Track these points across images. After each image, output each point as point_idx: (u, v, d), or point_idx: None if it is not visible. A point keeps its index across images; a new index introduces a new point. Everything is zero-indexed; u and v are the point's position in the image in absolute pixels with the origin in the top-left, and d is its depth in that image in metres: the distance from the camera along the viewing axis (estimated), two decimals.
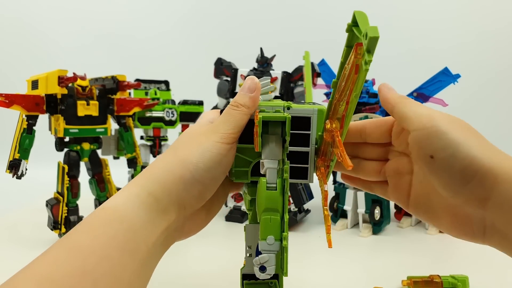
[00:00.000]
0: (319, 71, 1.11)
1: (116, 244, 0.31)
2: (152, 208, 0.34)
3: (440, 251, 0.90)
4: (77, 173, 0.90)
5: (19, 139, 0.83)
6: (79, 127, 0.87)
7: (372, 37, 0.26)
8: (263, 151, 0.39)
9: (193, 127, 0.42)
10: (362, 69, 0.28)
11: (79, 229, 0.32)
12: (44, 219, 0.93)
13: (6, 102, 0.80)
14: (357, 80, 0.30)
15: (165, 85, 1.18)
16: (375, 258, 0.87)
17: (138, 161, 1.02)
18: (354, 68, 0.30)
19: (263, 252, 0.37)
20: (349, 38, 0.32)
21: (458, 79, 1.13)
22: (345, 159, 0.31)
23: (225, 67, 1.15)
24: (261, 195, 0.38)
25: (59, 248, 0.30)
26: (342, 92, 0.33)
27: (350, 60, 0.31)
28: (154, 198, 0.35)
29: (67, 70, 0.85)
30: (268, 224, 0.37)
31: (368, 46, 0.26)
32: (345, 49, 0.33)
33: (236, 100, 0.40)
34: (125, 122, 0.97)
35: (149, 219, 0.34)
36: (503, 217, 0.32)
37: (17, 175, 0.82)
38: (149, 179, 0.36)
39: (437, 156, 0.33)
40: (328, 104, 0.38)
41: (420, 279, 0.66)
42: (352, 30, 0.31)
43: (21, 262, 0.32)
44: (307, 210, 1.11)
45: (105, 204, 0.34)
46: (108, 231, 0.31)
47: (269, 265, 0.37)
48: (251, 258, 0.45)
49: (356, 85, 0.31)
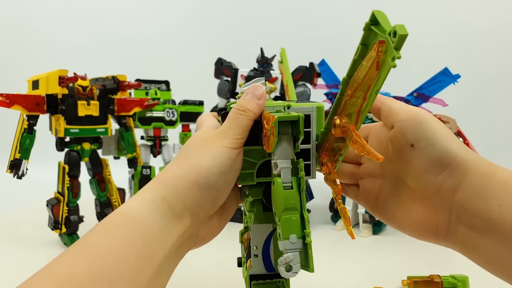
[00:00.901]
0: (319, 71, 1.11)
1: (133, 247, 0.31)
2: (167, 214, 0.34)
3: (440, 251, 0.90)
4: (77, 173, 0.91)
5: (20, 139, 0.83)
6: (80, 127, 0.87)
7: (402, 34, 0.28)
8: (276, 151, 0.39)
9: (199, 133, 0.41)
10: (389, 65, 0.30)
11: (95, 233, 0.32)
12: (44, 219, 0.94)
13: (7, 102, 0.80)
14: (378, 76, 0.32)
15: (166, 85, 1.18)
16: (375, 258, 0.87)
17: (139, 161, 1.02)
18: (375, 64, 0.31)
19: (286, 251, 0.37)
20: (365, 37, 0.33)
21: (458, 79, 1.13)
22: (374, 152, 0.32)
23: (226, 67, 1.15)
24: (278, 195, 0.38)
25: (76, 251, 0.30)
26: (357, 88, 0.35)
27: (370, 57, 0.32)
28: (168, 204, 0.35)
29: (67, 70, 0.85)
30: (289, 223, 0.37)
31: (397, 43, 0.28)
32: (360, 47, 0.34)
33: (243, 104, 0.40)
34: (126, 122, 0.98)
35: (164, 225, 0.34)
36: (469, 208, 0.34)
37: (18, 175, 0.82)
38: (162, 185, 0.36)
39: (417, 144, 0.36)
40: (336, 100, 0.39)
41: (420, 279, 0.66)
42: (370, 28, 0.32)
43: (21, 262, 0.32)
44: (308, 210, 1.12)
45: (120, 209, 0.34)
46: (125, 235, 0.31)
47: (294, 263, 0.38)
48: (257, 258, 0.45)
49: (376, 81, 0.32)
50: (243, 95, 0.41)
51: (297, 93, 1.10)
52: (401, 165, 0.39)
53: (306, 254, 0.37)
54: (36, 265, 0.86)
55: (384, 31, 0.30)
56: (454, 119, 1.01)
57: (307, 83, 1.11)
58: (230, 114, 0.40)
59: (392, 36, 0.29)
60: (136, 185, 1.07)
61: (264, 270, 0.45)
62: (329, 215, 1.09)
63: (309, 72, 1.09)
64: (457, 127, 1.00)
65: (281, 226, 0.37)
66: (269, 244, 0.45)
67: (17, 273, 0.76)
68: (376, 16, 0.31)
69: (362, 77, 0.33)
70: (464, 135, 1.00)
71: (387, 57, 0.30)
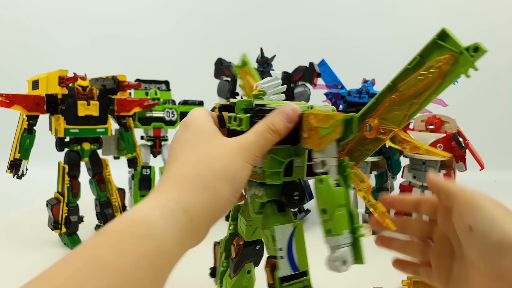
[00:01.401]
0: (319, 71, 1.11)
1: (144, 264, 0.29)
2: (186, 228, 0.32)
3: None
4: (77, 173, 0.91)
5: (20, 139, 0.83)
6: (80, 127, 0.87)
7: (484, 50, 0.33)
8: (325, 149, 0.39)
9: (202, 128, 0.39)
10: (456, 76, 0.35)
11: (106, 241, 0.29)
12: (44, 219, 0.94)
13: (7, 102, 0.81)
14: (441, 84, 0.36)
15: (166, 85, 1.18)
16: (375, 258, 0.86)
17: (138, 161, 1.02)
18: (439, 74, 0.35)
19: (341, 247, 0.39)
20: (426, 49, 0.36)
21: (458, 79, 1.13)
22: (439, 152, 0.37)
23: (226, 67, 1.15)
24: (330, 192, 0.39)
25: (82, 260, 0.27)
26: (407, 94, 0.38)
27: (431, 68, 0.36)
28: (189, 218, 0.33)
29: (67, 70, 0.85)
30: (342, 219, 0.39)
31: (477, 58, 0.33)
32: (417, 58, 0.37)
33: (275, 124, 0.38)
34: (126, 122, 0.98)
35: (179, 240, 0.32)
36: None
37: (18, 175, 0.82)
38: (185, 194, 0.34)
39: (476, 228, 0.36)
40: (370, 105, 0.40)
41: (420, 279, 0.66)
42: (436, 43, 0.35)
43: (21, 262, 0.32)
44: (307, 210, 1.11)
45: (135, 215, 0.31)
46: (138, 249, 0.29)
47: (349, 257, 0.40)
48: (283, 260, 0.45)
49: (437, 88, 0.36)
50: (277, 112, 0.39)
51: (297, 93, 1.10)
52: (466, 247, 0.39)
53: (356, 247, 0.40)
54: (36, 265, 0.86)
55: (457, 47, 0.34)
56: (454, 119, 1.01)
57: (307, 83, 1.11)
58: (260, 128, 0.38)
59: (472, 51, 0.33)
60: (136, 185, 1.07)
61: (291, 270, 0.46)
62: None
63: (309, 72, 1.09)
64: (457, 127, 1.00)
65: (334, 222, 0.39)
66: (292, 244, 0.46)
67: (17, 273, 0.76)
68: (448, 33, 0.34)
69: (417, 84, 0.36)
70: (464, 135, 0.99)
71: (457, 68, 0.34)
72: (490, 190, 1.60)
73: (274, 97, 0.45)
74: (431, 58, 0.35)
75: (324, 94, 1.14)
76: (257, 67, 1.14)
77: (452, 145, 0.98)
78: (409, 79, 0.37)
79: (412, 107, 0.38)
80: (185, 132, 0.39)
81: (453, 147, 0.98)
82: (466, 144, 0.98)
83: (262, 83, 0.44)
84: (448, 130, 1.01)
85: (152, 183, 1.08)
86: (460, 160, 1.00)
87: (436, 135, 0.99)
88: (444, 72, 0.35)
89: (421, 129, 1.03)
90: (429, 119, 1.02)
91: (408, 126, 1.06)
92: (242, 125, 0.42)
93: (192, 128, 0.39)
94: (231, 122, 0.43)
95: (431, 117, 1.03)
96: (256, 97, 0.44)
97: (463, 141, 0.97)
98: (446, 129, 1.02)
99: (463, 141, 0.98)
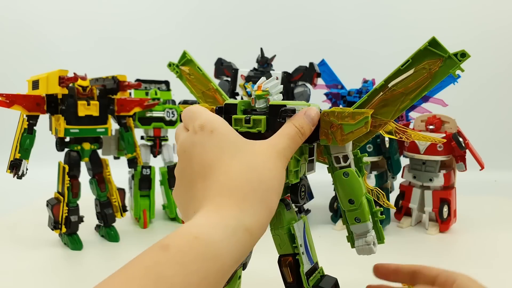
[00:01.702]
0: (319, 71, 1.11)
1: (205, 284, 0.29)
2: (246, 246, 0.33)
3: (439, 251, 0.90)
4: (77, 173, 0.91)
5: (20, 139, 0.83)
6: (80, 127, 0.87)
7: (469, 56, 0.40)
8: (347, 145, 0.44)
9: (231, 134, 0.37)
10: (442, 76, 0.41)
11: (171, 258, 0.28)
12: (44, 219, 0.94)
13: (7, 102, 0.81)
14: (430, 83, 0.41)
15: (166, 85, 1.18)
16: (375, 258, 0.87)
17: (139, 161, 1.02)
18: (428, 75, 0.41)
19: (371, 230, 0.45)
20: (418, 54, 0.42)
21: (458, 79, 1.13)
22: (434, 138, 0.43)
23: (226, 67, 1.15)
24: (356, 182, 0.44)
25: (145, 277, 0.27)
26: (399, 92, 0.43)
27: (420, 69, 0.42)
28: (249, 234, 0.33)
29: (67, 70, 0.85)
30: (367, 206, 0.44)
31: (463, 61, 0.40)
32: (409, 61, 0.42)
33: (303, 127, 0.40)
34: (126, 122, 0.98)
35: (239, 258, 0.32)
36: None
37: (18, 175, 0.82)
38: (245, 211, 0.33)
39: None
40: (362, 101, 0.44)
41: None
42: (427, 49, 0.41)
43: (21, 262, 0.32)
44: (307, 210, 1.12)
45: (199, 232, 0.31)
46: (202, 270, 0.29)
47: (376, 239, 0.46)
48: (304, 255, 0.47)
49: (426, 87, 0.42)
50: (304, 115, 0.40)
51: (297, 93, 1.10)
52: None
53: (378, 229, 0.46)
54: (36, 265, 0.86)
55: (445, 52, 0.41)
56: (454, 119, 1.01)
57: (307, 83, 1.11)
58: (291, 132, 0.39)
59: (459, 56, 0.40)
60: (136, 185, 1.07)
61: (309, 264, 0.48)
62: (329, 215, 1.09)
63: (309, 72, 1.09)
64: (457, 127, 1.00)
65: (362, 209, 0.44)
66: (306, 238, 0.48)
67: (17, 273, 0.76)
68: (437, 41, 0.41)
69: (410, 83, 0.42)
70: (464, 135, 1.00)
71: (444, 69, 0.41)
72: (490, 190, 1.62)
73: (276, 97, 0.45)
74: (423, 61, 0.42)
75: (324, 94, 1.15)
76: (257, 67, 1.14)
77: (452, 145, 0.98)
78: (401, 78, 0.42)
79: (404, 103, 0.43)
80: (212, 138, 0.37)
81: (453, 147, 0.98)
82: (466, 144, 0.98)
83: (266, 83, 0.44)
84: (448, 130, 1.01)
85: (152, 183, 1.08)
86: (460, 160, 1.00)
87: (436, 135, 0.99)
88: (434, 73, 0.41)
89: (421, 129, 1.03)
90: (429, 119, 1.02)
91: (408, 126, 1.06)
92: (261, 126, 0.42)
93: (219, 133, 0.37)
94: (241, 124, 0.43)
95: (431, 117, 1.03)
96: (260, 98, 0.44)
97: (463, 141, 0.97)
98: (446, 129, 1.02)
99: (463, 141, 0.98)
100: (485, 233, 1.01)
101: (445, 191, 1.01)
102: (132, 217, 1.10)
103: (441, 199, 1.00)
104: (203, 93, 0.56)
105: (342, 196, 0.45)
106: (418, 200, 1.03)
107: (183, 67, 0.58)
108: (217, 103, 0.54)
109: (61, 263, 0.82)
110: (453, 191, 1.03)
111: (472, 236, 1.00)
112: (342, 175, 0.44)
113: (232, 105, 0.44)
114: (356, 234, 0.45)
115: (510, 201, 1.29)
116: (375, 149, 0.96)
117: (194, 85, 0.56)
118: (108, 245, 0.92)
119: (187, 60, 0.58)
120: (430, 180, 1.01)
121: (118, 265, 0.28)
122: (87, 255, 0.86)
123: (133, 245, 0.92)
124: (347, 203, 0.44)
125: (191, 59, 0.57)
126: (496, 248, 0.90)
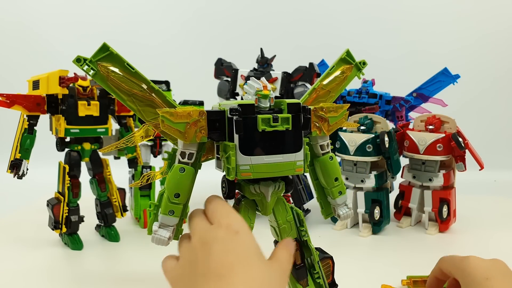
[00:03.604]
0: (319, 71, 1.11)
1: None
2: None
3: (439, 251, 0.90)
4: (78, 173, 0.91)
5: (20, 139, 0.83)
6: (80, 127, 0.87)
7: (366, 64, 0.57)
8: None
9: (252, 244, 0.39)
10: (351, 78, 0.58)
11: None
12: (45, 219, 0.94)
13: (7, 102, 0.81)
14: (344, 83, 0.57)
15: (166, 85, 1.18)
16: (374, 257, 0.87)
17: (139, 161, 1.02)
18: (344, 77, 0.56)
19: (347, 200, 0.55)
20: (338, 61, 0.56)
21: (457, 79, 1.13)
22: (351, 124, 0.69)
23: (226, 67, 1.16)
24: (337, 163, 0.53)
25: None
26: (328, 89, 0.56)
27: (340, 73, 0.56)
28: None
29: (68, 71, 0.85)
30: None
31: (364, 67, 0.58)
32: (334, 66, 0.56)
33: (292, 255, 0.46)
34: (126, 122, 0.98)
35: None
36: None
37: (18, 175, 0.83)
38: None
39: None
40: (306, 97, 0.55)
41: (420, 279, 0.66)
42: (345, 58, 0.56)
43: (21, 262, 0.32)
44: (307, 210, 1.12)
45: None
46: None
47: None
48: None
49: (342, 86, 0.56)
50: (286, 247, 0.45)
51: (297, 93, 1.10)
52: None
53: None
54: (36, 265, 0.86)
55: (354, 60, 0.57)
56: (453, 119, 1.01)
57: (307, 83, 1.11)
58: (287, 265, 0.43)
59: (362, 64, 0.58)
60: None
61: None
62: None
63: (308, 72, 1.10)
64: (456, 127, 1.01)
65: (342, 185, 0.53)
66: None
67: (17, 273, 0.76)
68: (350, 52, 0.57)
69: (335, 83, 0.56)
70: (463, 135, 1.00)
71: (354, 73, 0.58)
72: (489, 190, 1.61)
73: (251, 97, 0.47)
74: (341, 66, 0.56)
75: None
76: (257, 67, 1.14)
77: (452, 145, 0.98)
78: (331, 79, 0.56)
79: (330, 98, 0.56)
80: (236, 239, 0.38)
81: (452, 147, 0.98)
82: (465, 144, 0.98)
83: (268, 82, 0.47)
84: (448, 130, 1.01)
85: (152, 183, 1.08)
86: (459, 160, 1.00)
87: (435, 135, 0.99)
88: (347, 76, 0.57)
89: (421, 129, 1.03)
90: (428, 119, 1.02)
91: (407, 126, 1.07)
92: (288, 124, 0.45)
93: (242, 240, 0.38)
94: (269, 123, 0.44)
95: (431, 117, 1.03)
96: (266, 97, 0.45)
97: (462, 141, 0.97)
98: (445, 129, 1.02)
99: (463, 141, 0.98)
100: (485, 233, 1.01)
101: (445, 191, 1.01)
102: (132, 217, 1.10)
103: (440, 199, 1.00)
104: (133, 96, 0.47)
105: (327, 177, 0.52)
106: (417, 200, 1.03)
107: (103, 63, 0.45)
108: (155, 106, 0.47)
109: (61, 263, 0.82)
110: (452, 191, 1.03)
111: (472, 236, 1.00)
112: (328, 159, 0.52)
113: (248, 106, 0.44)
114: (338, 205, 0.54)
115: (510, 201, 1.29)
116: (374, 149, 0.96)
117: (119, 85, 0.46)
118: (108, 245, 0.93)
119: (108, 54, 0.45)
120: (429, 180, 1.01)
121: (118, 265, 0.28)
122: (88, 255, 0.86)
123: (134, 245, 0.92)
124: (333, 182, 0.52)
125: (116, 53, 0.45)
126: (496, 248, 0.91)
